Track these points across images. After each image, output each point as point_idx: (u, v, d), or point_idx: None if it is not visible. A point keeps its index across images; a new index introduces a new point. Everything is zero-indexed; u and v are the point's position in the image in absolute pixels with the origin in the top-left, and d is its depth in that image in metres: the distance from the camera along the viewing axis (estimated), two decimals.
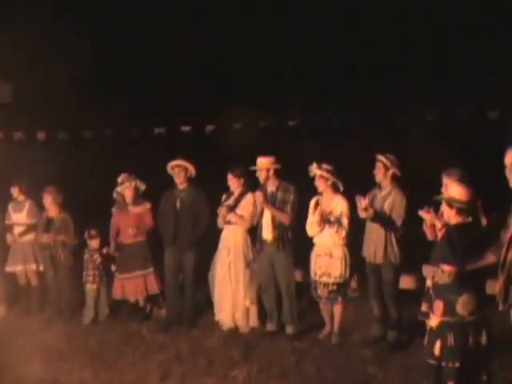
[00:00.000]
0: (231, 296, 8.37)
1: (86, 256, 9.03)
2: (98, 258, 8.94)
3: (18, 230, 9.58)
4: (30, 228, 9.50)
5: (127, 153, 11.91)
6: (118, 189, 8.88)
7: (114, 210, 9.05)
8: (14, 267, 9.57)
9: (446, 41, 12.06)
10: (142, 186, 8.89)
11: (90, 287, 9.01)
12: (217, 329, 8.39)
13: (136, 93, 12.78)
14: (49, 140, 11.82)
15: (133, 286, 8.82)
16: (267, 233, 8.09)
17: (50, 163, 10.43)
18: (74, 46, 11.82)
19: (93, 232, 9.06)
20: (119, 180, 8.98)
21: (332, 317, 7.90)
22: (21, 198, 9.65)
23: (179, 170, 8.58)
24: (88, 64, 12.41)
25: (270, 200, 8.03)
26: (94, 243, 9.04)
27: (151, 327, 8.57)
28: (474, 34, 11.65)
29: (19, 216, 9.60)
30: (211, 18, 13.08)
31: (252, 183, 8.36)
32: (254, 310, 8.40)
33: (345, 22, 12.90)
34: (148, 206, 8.90)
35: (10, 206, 9.71)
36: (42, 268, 9.37)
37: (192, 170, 8.62)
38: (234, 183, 8.45)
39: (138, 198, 8.92)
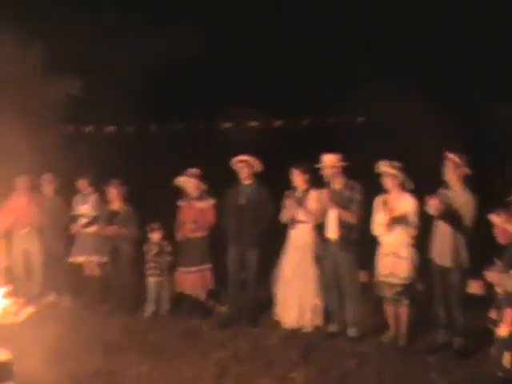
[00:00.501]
0: (299, 295, 8.21)
1: (147, 249, 9.02)
2: (153, 249, 8.92)
3: (82, 221, 9.69)
4: (94, 220, 9.58)
5: (195, 146, 11.89)
6: (179, 180, 8.82)
7: (180, 203, 9.00)
8: (78, 258, 9.66)
9: None
10: (202, 185, 8.81)
11: (151, 280, 9.00)
12: (277, 328, 8.25)
13: (200, 89, 12.79)
14: (117, 134, 11.92)
15: (191, 280, 8.77)
16: (332, 232, 7.89)
17: (117, 156, 10.50)
18: (143, 42, 11.87)
19: (154, 225, 9.04)
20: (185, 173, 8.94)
21: (396, 319, 7.63)
22: (87, 190, 9.74)
23: (243, 166, 8.46)
24: (157, 59, 12.44)
25: (336, 198, 7.82)
26: (155, 236, 9.01)
27: (211, 324, 8.48)
28: None
29: (85, 208, 9.69)
30: None
31: (315, 181, 8.17)
32: (319, 309, 8.20)
33: None
34: (211, 201, 8.81)
35: (77, 198, 9.83)
36: (104, 260, 9.42)
37: (257, 166, 8.48)
38: (298, 179, 8.28)
39: (203, 193, 8.84)
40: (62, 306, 9.52)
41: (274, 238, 8.54)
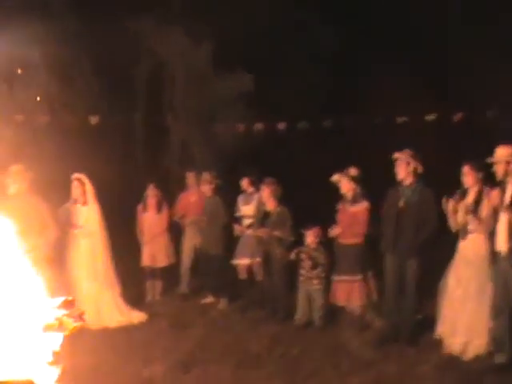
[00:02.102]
0: (468, 317, 7.06)
1: (300, 254, 8.33)
2: (306, 255, 8.19)
3: (246, 222, 9.32)
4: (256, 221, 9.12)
5: (369, 142, 11.01)
6: (334, 178, 8.03)
7: (339, 206, 8.21)
8: (241, 260, 9.32)
9: None
10: (356, 187, 7.93)
11: (303, 289, 8.31)
12: (436, 350, 7.16)
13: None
14: (289, 130, 11.42)
15: (344, 291, 7.94)
16: (502, 243, 6.64)
17: (287, 154, 10.00)
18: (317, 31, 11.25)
19: (310, 228, 8.33)
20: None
21: None
22: (250, 189, 9.37)
23: (400, 163, 7.45)
24: (331, 52, 11.74)
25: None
26: (310, 240, 8.30)
27: (363, 340, 7.58)
28: None
29: (248, 208, 9.35)
30: None
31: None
32: (490, 335, 6.97)
33: None
34: (365, 204, 7.90)
35: (240, 198, 9.49)
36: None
37: (416, 165, 7.42)
38: (470, 178, 7.11)
39: (358, 195, 7.95)
40: (217, 308, 9.20)
41: (438, 246, 7.45)
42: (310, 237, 8.30)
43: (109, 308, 8.53)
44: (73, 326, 3.69)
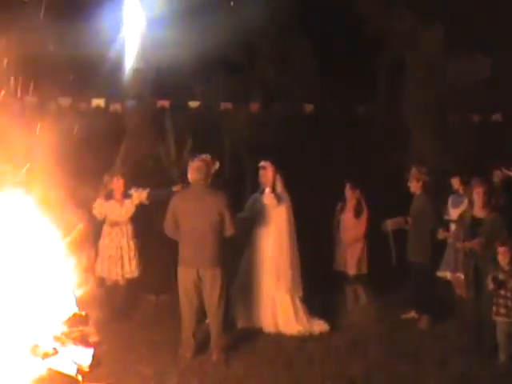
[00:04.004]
0: None
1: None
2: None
3: (452, 227, 8.15)
4: None
5: None
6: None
7: None
8: (443, 273, 8.37)
9: None
10: None
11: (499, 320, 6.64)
12: None
13: None
14: None
15: None
16: None
17: None
18: None
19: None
20: None
21: None
22: (461, 190, 7.99)
23: None
24: None
25: None
26: (503, 259, 6.60)
27: None
28: None
29: (456, 212, 8.14)
30: None
31: None
32: None
33: None
34: None
35: (450, 199, 8.46)
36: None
37: None
38: None
39: None
40: (416, 326, 7.85)
41: None
42: (505, 255, 6.59)
43: (285, 313, 7.63)
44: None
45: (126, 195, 8.13)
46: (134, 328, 7.56)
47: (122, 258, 8.05)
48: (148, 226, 8.20)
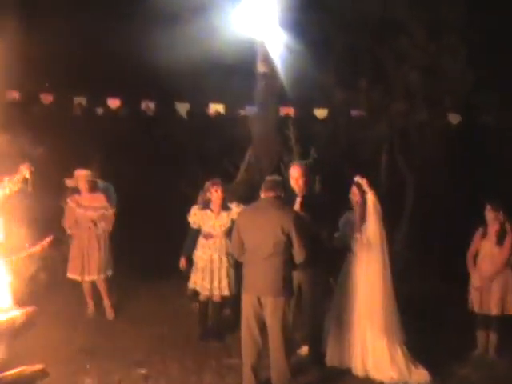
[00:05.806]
0: None
1: None
2: None
3: None
4: None
5: None
6: None
7: None
8: None
9: None
10: None
11: None
12: None
13: None
14: None
15: None
16: None
17: None
18: None
19: None
20: None
21: None
22: None
23: None
24: None
25: None
26: None
27: None
28: None
29: None
30: None
31: None
32: None
33: None
34: None
35: None
36: None
37: None
38: None
39: None
40: None
41: None
42: None
43: (378, 357, 6.41)
44: None
45: (226, 207, 7.41)
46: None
47: (212, 273, 7.35)
48: None
